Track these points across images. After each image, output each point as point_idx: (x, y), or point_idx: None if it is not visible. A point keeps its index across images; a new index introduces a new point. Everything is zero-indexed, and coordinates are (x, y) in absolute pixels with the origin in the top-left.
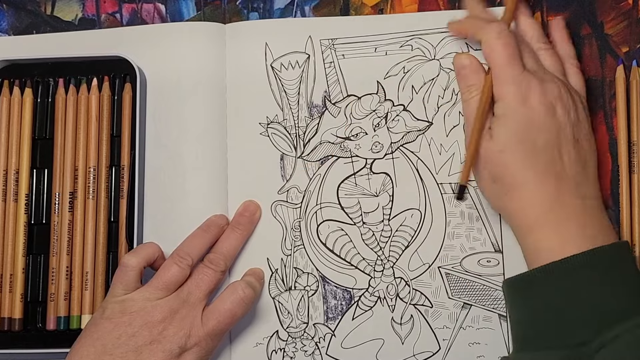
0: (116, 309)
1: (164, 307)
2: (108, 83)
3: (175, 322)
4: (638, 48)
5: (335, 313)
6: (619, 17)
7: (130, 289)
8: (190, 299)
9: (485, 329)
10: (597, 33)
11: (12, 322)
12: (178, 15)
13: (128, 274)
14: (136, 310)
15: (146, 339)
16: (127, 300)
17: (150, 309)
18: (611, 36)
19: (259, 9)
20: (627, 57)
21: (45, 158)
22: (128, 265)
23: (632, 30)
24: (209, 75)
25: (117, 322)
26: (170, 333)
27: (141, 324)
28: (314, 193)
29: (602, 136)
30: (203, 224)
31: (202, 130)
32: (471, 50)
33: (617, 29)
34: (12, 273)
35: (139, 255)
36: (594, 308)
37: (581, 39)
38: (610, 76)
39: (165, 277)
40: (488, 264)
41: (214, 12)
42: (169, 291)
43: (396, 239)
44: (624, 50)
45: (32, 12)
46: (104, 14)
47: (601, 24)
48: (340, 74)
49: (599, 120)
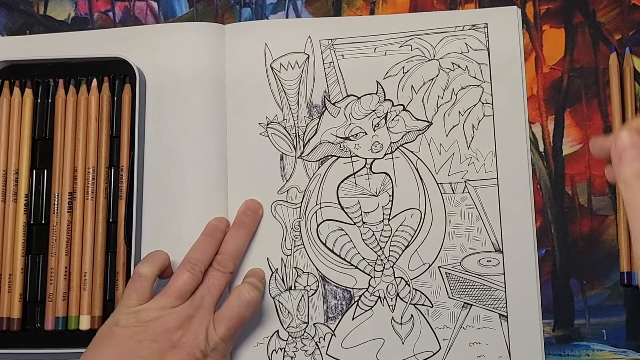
0: (131, 320)
1: (180, 315)
2: (108, 84)
3: (193, 327)
4: (631, 35)
5: (336, 313)
6: (611, 5)
7: (144, 299)
8: (204, 304)
9: (486, 328)
10: (590, 21)
11: (10, 322)
12: (171, 13)
13: (142, 284)
14: (152, 319)
15: (167, 344)
16: (141, 311)
17: (166, 316)
18: (604, 24)
19: (252, 5)
20: (619, 44)
21: (45, 158)
22: (142, 274)
23: (625, 18)
24: (208, 76)
25: (135, 330)
26: (189, 339)
27: (160, 331)
28: (314, 193)
29: (597, 123)
30: (206, 229)
31: (202, 130)
32: (470, 51)
33: (609, 17)
34: (11, 273)
35: (152, 264)
36: None
37: (574, 27)
38: (603, 64)
39: (179, 285)
40: (488, 263)
41: (207, 8)
42: (183, 299)
43: (396, 238)
44: (617, 38)
45: (25, 12)
46: (96, 13)
47: (593, 12)
48: (339, 74)
49: (593, 108)
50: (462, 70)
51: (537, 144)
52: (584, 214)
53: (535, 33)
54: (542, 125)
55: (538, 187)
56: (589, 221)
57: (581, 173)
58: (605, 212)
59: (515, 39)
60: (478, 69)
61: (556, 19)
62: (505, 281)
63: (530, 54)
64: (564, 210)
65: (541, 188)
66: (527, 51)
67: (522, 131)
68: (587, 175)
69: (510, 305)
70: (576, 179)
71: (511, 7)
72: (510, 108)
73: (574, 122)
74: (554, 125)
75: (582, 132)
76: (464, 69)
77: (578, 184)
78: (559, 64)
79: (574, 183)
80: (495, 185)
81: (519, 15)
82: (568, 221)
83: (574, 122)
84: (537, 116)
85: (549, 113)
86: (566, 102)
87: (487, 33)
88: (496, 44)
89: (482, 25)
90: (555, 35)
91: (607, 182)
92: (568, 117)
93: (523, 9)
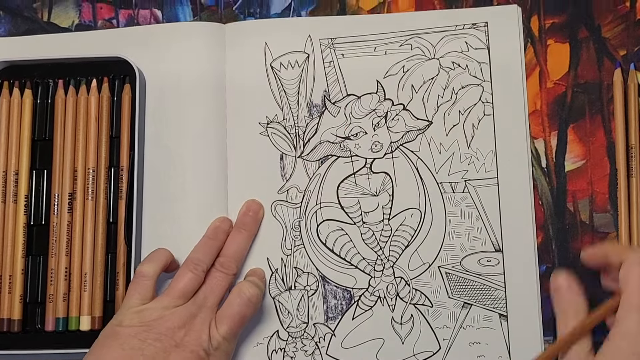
0: (135, 319)
1: (183, 314)
2: (107, 84)
3: (196, 327)
4: (636, 51)
5: (336, 313)
6: (616, 20)
7: (147, 299)
8: (206, 304)
9: (486, 328)
10: (595, 36)
11: (11, 323)
12: (174, 21)
13: (145, 284)
14: (155, 318)
15: (171, 342)
16: (144, 311)
17: (169, 316)
18: (609, 39)
19: (256, 14)
20: (624, 60)
21: (45, 159)
22: (145, 274)
23: (630, 34)
24: (208, 75)
25: (138, 329)
26: (193, 337)
27: (163, 330)
28: (314, 193)
29: (600, 140)
30: (208, 230)
31: (202, 130)
32: (471, 50)
33: (614, 32)
34: (11, 274)
35: (155, 263)
36: None
37: (578, 42)
38: (607, 80)
39: (181, 285)
40: (488, 263)
41: (211, 17)
42: (186, 299)
43: (396, 238)
44: (622, 54)
45: (29, 18)
46: (100, 20)
47: (599, 27)
48: (339, 74)
49: (596, 124)
50: (462, 70)
51: (539, 160)
52: (586, 230)
53: (539, 47)
54: (545, 141)
55: (540, 203)
56: (590, 238)
57: (583, 190)
58: (606, 229)
59: (516, 37)
60: (478, 68)
61: (561, 34)
62: (505, 281)
63: (534, 68)
64: (566, 227)
65: (543, 204)
66: (531, 66)
67: (523, 130)
68: (589, 192)
69: (510, 305)
70: (578, 196)
71: (511, 5)
72: (511, 107)
73: (577, 138)
74: (556, 140)
75: (585, 148)
76: (464, 68)
77: (580, 201)
78: (563, 79)
79: (576, 199)
80: (496, 184)
81: (519, 13)
82: (569, 238)
83: (577, 138)
84: (540, 131)
85: (552, 128)
86: (569, 117)
87: (488, 32)
88: (496, 42)
89: (483, 24)
90: (559, 50)
91: (609, 199)
92: (571, 133)
93: (528, 24)
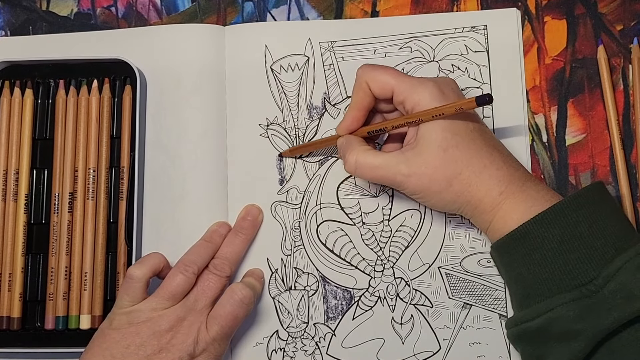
0: (123, 320)
1: (171, 316)
2: (108, 85)
3: (183, 329)
4: (632, 26)
5: (336, 313)
6: None
7: (136, 300)
8: (196, 306)
9: (486, 328)
10: (591, 12)
11: (10, 321)
12: (173, 8)
13: (134, 286)
14: (143, 320)
15: (155, 348)
16: (133, 312)
17: (157, 318)
18: (605, 15)
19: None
20: (621, 35)
21: (45, 158)
22: (134, 277)
23: (626, 8)
24: (208, 77)
25: (125, 332)
26: (178, 341)
27: (149, 334)
28: (314, 193)
29: (599, 113)
30: (205, 234)
31: (202, 131)
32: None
33: (610, 8)
34: (11, 272)
35: (145, 267)
36: (590, 246)
37: (575, 18)
38: None
39: (171, 287)
40: (488, 264)
41: (209, 3)
42: (176, 300)
43: (396, 239)
44: (619, 29)
45: (28, 7)
46: (99, 8)
47: (595, 3)
48: (339, 76)
49: (596, 98)
50: (461, 72)
51: (540, 135)
52: None
53: (537, 25)
54: (545, 116)
55: (542, 177)
56: None
57: (584, 163)
58: None
59: (515, 40)
60: (478, 70)
61: (558, 11)
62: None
63: (532, 45)
64: None
65: (545, 178)
66: (529, 43)
67: (522, 132)
68: (591, 164)
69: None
70: (579, 169)
71: (511, 9)
72: (510, 109)
73: (577, 112)
74: (556, 115)
75: (584, 122)
76: (463, 71)
77: (581, 174)
78: (561, 54)
79: (577, 172)
80: None
81: (519, 16)
82: None
83: (576, 112)
84: (540, 107)
85: (551, 104)
86: (569, 92)
87: (487, 35)
88: (496, 45)
89: (482, 27)
90: (556, 26)
91: (610, 171)
92: (571, 107)
93: (525, 1)
